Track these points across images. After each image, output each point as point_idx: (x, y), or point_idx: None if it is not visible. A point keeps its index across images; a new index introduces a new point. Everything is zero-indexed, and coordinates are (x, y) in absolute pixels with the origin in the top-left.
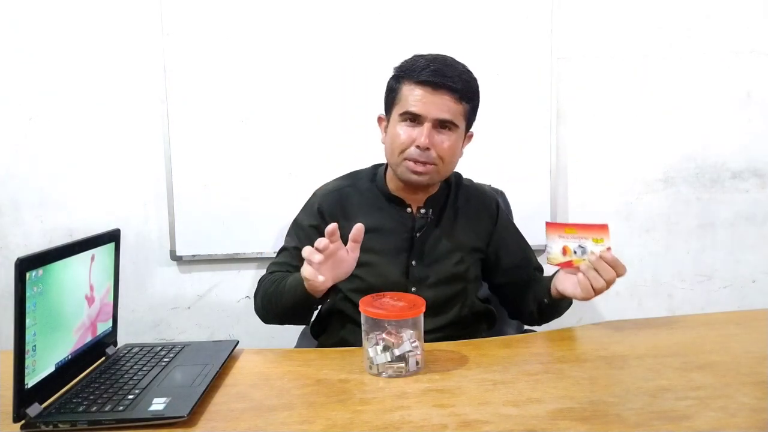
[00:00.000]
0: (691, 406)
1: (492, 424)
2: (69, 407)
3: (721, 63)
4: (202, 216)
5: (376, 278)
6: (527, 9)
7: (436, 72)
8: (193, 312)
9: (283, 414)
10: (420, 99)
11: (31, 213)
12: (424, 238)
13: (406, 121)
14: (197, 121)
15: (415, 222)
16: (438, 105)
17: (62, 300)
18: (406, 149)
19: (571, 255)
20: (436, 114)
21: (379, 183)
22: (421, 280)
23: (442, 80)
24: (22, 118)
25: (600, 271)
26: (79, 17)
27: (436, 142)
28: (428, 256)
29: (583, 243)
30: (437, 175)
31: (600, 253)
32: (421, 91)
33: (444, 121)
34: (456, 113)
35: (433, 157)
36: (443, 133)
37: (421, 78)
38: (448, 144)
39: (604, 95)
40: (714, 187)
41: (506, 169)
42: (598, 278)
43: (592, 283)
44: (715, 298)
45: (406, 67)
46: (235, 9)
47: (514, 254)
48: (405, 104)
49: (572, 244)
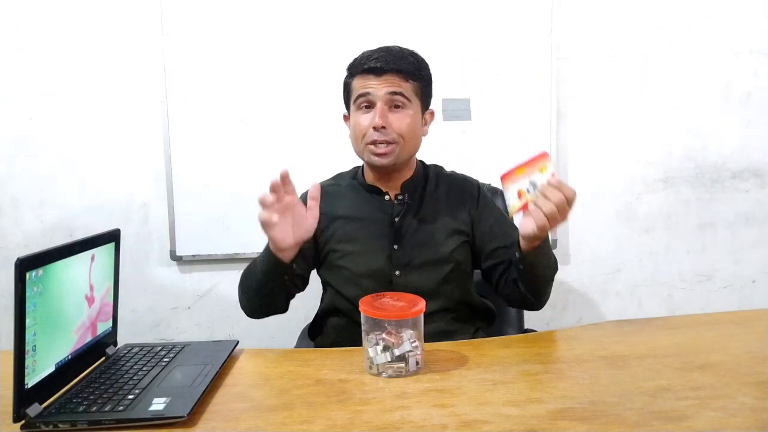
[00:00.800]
0: (691, 406)
1: (492, 424)
2: (69, 407)
3: (721, 63)
4: (202, 216)
5: (360, 266)
6: (527, 9)
7: (378, 59)
8: (193, 312)
9: (283, 414)
10: (367, 82)
11: (31, 213)
12: (404, 223)
13: (361, 108)
14: (197, 121)
15: (394, 208)
16: (385, 87)
17: (62, 300)
18: (366, 134)
19: (525, 196)
20: (385, 90)
21: (358, 178)
22: (405, 264)
23: (384, 64)
24: (22, 118)
25: (547, 194)
26: (79, 17)
27: (391, 120)
28: (410, 239)
29: (533, 179)
30: (402, 152)
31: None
32: (367, 78)
33: (394, 95)
34: (405, 89)
35: (392, 135)
36: (397, 111)
37: (365, 67)
38: (407, 120)
39: (604, 95)
40: (714, 187)
41: (506, 168)
42: (546, 203)
43: (542, 208)
44: (715, 298)
45: (354, 62)
46: (235, 9)
47: (499, 236)
48: (357, 95)
49: (523, 184)
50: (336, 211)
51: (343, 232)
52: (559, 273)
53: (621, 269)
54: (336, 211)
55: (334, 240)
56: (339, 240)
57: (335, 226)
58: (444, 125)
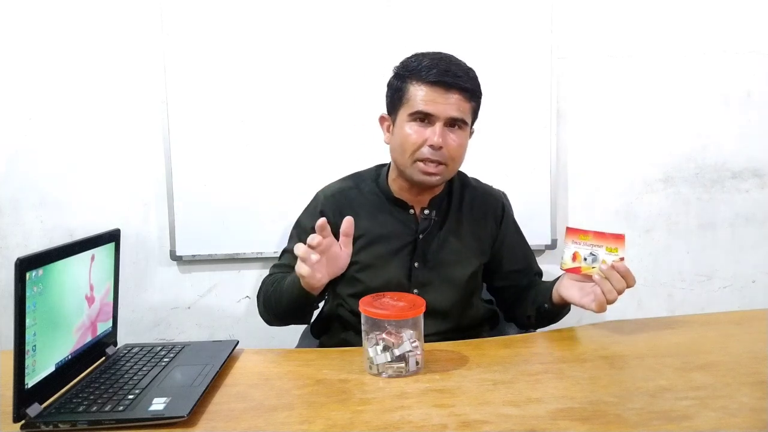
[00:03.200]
0: (691, 406)
1: (492, 424)
2: (69, 407)
3: (721, 63)
4: (202, 216)
5: (378, 281)
6: (527, 9)
7: (446, 72)
8: (193, 312)
9: (283, 414)
10: (431, 98)
11: (31, 213)
12: (427, 240)
13: (416, 120)
14: (197, 121)
15: (419, 224)
16: (450, 104)
17: (62, 300)
18: (419, 149)
19: (581, 261)
20: (450, 113)
21: (381, 185)
22: (424, 283)
23: (453, 80)
24: (22, 118)
25: (612, 281)
26: (79, 17)
27: (448, 141)
28: (431, 258)
29: (595, 251)
30: (447, 174)
31: (613, 263)
32: (431, 91)
33: (455, 120)
34: (465, 111)
35: (445, 156)
36: (454, 131)
37: (430, 78)
38: (459, 143)
39: (604, 95)
40: (714, 187)
41: (506, 168)
42: (612, 291)
43: (607, 296)
44: (715, 298)
45: (412, 67)
46: (235, 9)
47: (517, 259)
48: (415, 104)
49: (583, 250)
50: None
51: (363, 244)
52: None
53: None
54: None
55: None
56: (359, 251)
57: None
58: None
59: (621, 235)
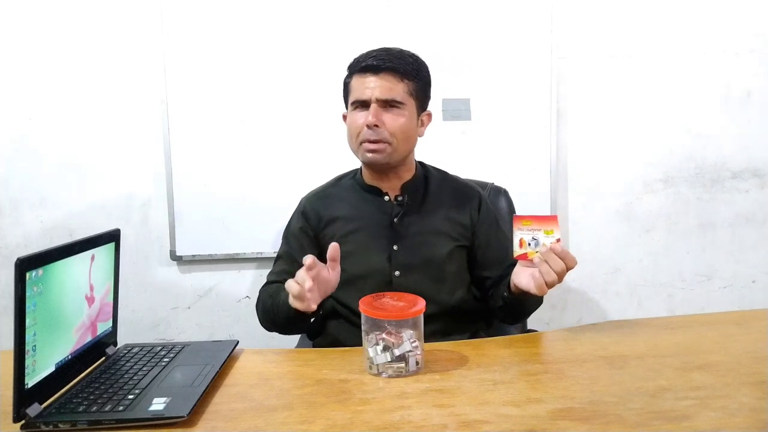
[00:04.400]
0: (691, 406)
1: (492, 424)
2: (69, 407)
3: (721, 63)
4: (202, 216)
5: (360, 266)
6: (527, 9)
7: (376, 57)
8: (193, 312)
9: (283, 414)
10: (363, 85)
11: (31, 213)
12: (404, 224)
13: (357, 108)
14: (197, 121)
15: (393, 208)
16: (380, 86)
17: (62, 300)
18: (360, 132)
19: (526, 247)
20: (379, 94)
21: (357, 178)
22: (405, 265)
23: (380, 62)
24: (22, 118)
25: (550, 263)
26: (79, 17)
27: (384, 119)
28: (410, 240)
29: (536, 235)
30: (395, 152)
31: (550, 245)
32: (364, 77)
33: (388, 101)
34: (399, 91)
35: (384, 135)
36: (391, 111)
37: (362, 65)
38: (401, 120)
39: (604, 95)
40: (714, 187)
41: (506, 168)
42: (550, 272)
43: (545, 277)
44: (715, 298)
45: (353, 61)
46: (235, 9)
47: (496, 249)
48: (354, 94)
49: (527, 236)
50: (335, 212)
51: (343, 233)
52: None
53: (621, 269)
54: (335, 212)
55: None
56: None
57: (335, 227)
58: (444, 125)
59: (554, 217)
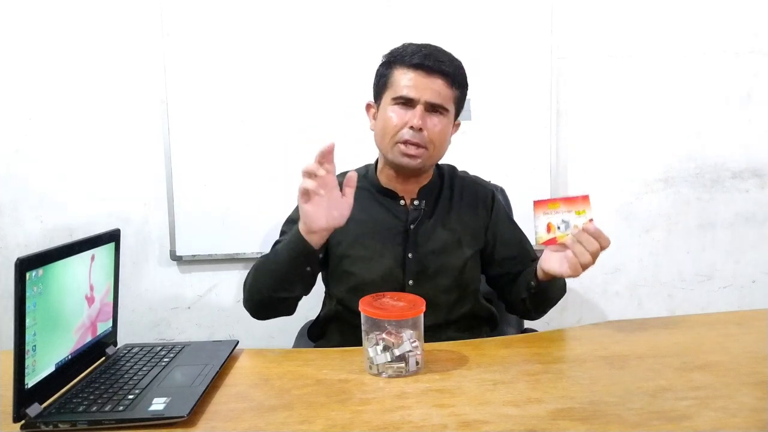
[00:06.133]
0: (691, 406)
1: (492, 424)
2: (69, 407)
3: (721, 63)
4: (202, 216)
5: (373, 274)
6: (527, 9)
7: (429, 56)
8: (193, 312)
9: (283, 414)
10: (414, 83)
11: (31, 213)
12: (419, 230)
13: (398, 104)
14: (197, 121)
15: (409, 214)
16: (431, 88)
17: (62, 300)
18: (399, 131)
19: (555, 231)
20: (429, 97)
21: (370, 177)
22: (418, 272)
23: (435, 64)
24: (22, 118)
25: (584, 243)
26: (79, 17)
27: (428, 124)
28: (424, 247)
29: (566, 217)
30: (429, 159)
31: (583, 226)
32: (413, 75)
33: (436, 105)
34: (447, 98)
35: (425, 139)
36: (434, 116)
37: (414, 61)
38: (440, 127)
39: (604, 95)
40: (714, 187)
41: (506, 168)
42: (584, 252)
43: (579, 258)
44: (715, 298)
45: (397, 53)
46: (235, 9)
47: (510, 246)
48: (397, 88)
49: (555, 219)
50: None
51: (355, 236)
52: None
53: (621, 269)
54: None
55: (345, 243)
56: (351, 244)
57: (347, 229)
58: None
59: (586, 196)
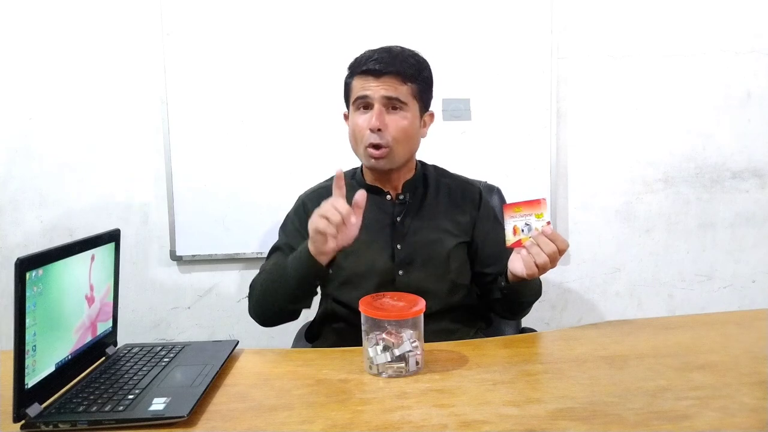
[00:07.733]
0: (691, 406)
1: (492, 424)
2: (69, 407)
3: (721, 63)
4: (202, 216)
5: (362, 265)
6: (527, 9)
7: (378, 60)
8: (193, 312)
9: (283, 414)
10: (366, 84)
11: (31, 213)
12: (405, 223)
13: (359, 109)
14: (197, 121)
15: (395, 207)
16: (383, 86)
17: (62, 300)
18: (364, 135)
19: (520, 234)
20: (384, 93)
21: (357, 177)
22: (408, 263)
23: (382, 66)
24: (22, 118)
25: (540, 245)
26: (79, 17)
27: (387, 122)
28: (412, 238)
29: (528, 220)
30: (396, 156)
31: (542, 228)
32: (366, 78)
33: (391, 99)
34: (403, 92)
35: (387, 139)
36: (394, 113)
37: (366, 68)
38: (403, 123)
39: (604, 95)
40: (714, 187)
41: (506, 168)
42: (540, 253)
43: (535, 259)
44: (715, 298)
45: (354, 62)
46: (235, 9)
47: (495, 244)
48: (355, 94)
49: (519, 222)
50: None
51: None
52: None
53: (621, 269)
54: None
55: None
56: None
57: None
58: (444, 125)
59: (541, 200)
